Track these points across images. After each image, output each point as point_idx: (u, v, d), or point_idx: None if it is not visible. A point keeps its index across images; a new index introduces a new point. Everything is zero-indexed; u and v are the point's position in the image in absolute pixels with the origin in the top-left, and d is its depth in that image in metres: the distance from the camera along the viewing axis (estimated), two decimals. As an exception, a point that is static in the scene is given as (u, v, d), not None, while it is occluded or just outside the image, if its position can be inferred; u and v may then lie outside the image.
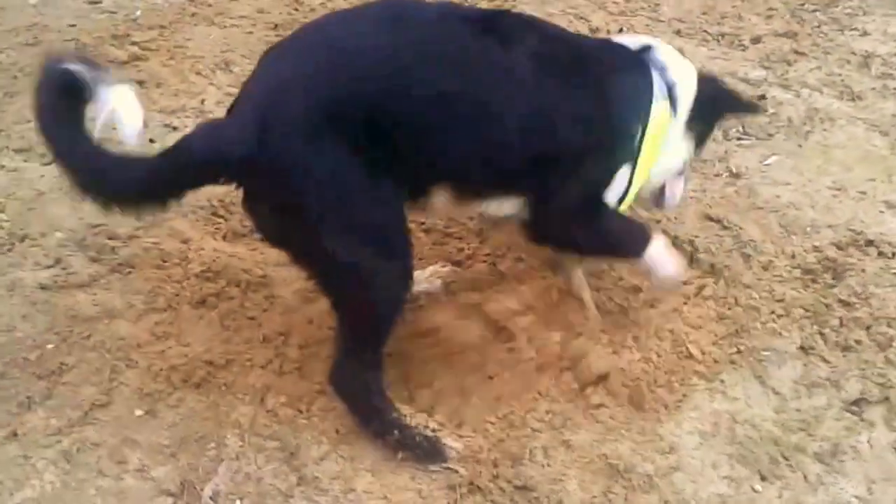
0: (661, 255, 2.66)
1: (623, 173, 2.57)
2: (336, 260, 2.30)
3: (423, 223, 3.12)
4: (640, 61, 2.61)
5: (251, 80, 2.33)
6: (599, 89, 2.50)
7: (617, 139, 2.53)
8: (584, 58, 2.54)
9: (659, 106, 2.55)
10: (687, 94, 2.65)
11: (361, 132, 2.20)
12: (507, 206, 2.57)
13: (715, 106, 2.79)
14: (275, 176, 2.19)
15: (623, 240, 2.68)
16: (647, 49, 2.65)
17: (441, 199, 2.47)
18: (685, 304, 2.95)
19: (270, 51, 2.42)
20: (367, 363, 2.45)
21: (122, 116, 2.12)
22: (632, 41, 2.71)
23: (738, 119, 3.68)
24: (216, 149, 2.19)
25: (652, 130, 2.54)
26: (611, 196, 2.59)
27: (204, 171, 2.23)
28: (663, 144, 2.61)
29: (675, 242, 3.06)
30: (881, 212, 3.37)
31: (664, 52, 2.66)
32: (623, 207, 2.65)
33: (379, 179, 2.26)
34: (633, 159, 2.55)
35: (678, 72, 2.63)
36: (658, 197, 2.89)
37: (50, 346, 2.73)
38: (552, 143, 2.43)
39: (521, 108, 2.37)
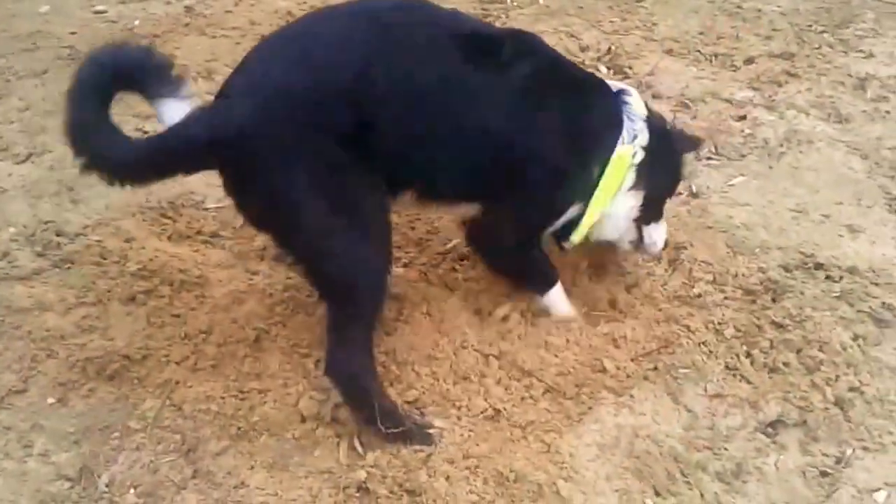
0: (558, 299, 2.89)
1: (573, 210, 2.69)
2: (319, 245, 2.41)
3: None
4: (616, 102, 2.70)
5: (246, 68, 2.43)
6: (572, 124, 2.62)
7: (576, 175, 2.65)
8: (565, 91, 2.64)
9: (622, 150, 2.65)
10: (642, 142, 2.72)
11: (347, 130, 2.32)
12: (465, 212, 2.75)
13: (665, 160, 2.86)
14: (266, 160, 2.30)
15: (537, 276, 2.89)
16: (624, 92, 2.74)
17: (407, 199, 2.61)
18: (618, 320, 2.91)
19: (267, 42, 2.55)
20: (358, 349, 2.52)
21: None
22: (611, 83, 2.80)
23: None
24: (213, 129, 2.29)
25: (610, 174, 2.65)
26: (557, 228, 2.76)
27: (198, 151, 2.34)
28: (619, 189, 2.71)
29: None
30: (840, 235, 3.31)
31: (638, 103, 2.74)
32: (573, 241, 2.79)
33: (364, 171, 2.38)
34: (586, 199, 2.67)
35: (640, 118, 2.72)
36: (637, 242, 2.97)
37: (-20, 334, 2.84)
38: (518, 167, 2.57)
39: (492, 132, 2.50)
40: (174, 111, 2.34)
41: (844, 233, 3.31)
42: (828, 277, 3.08)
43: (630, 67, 4.26)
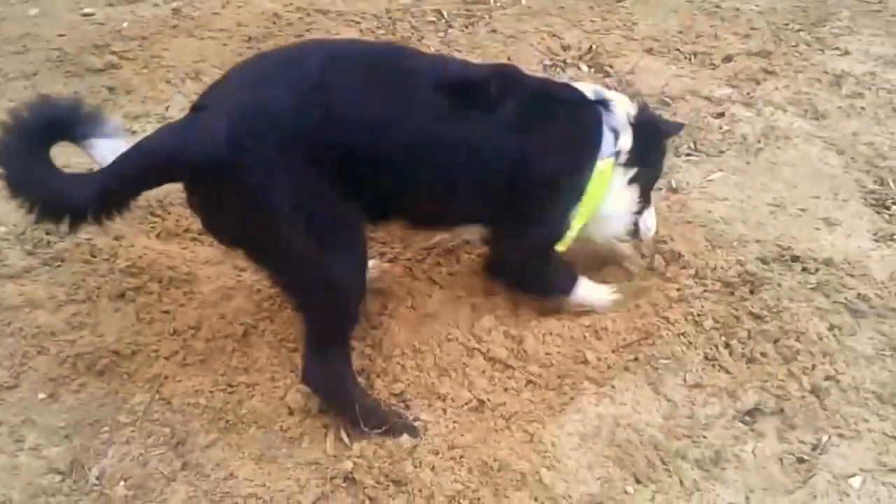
0: (589, 292, 2.96)
1: (573, 211, 2.78)
2: (292, 264, 2.45)
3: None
4: (596, 115, 2.78)
5: (223, 88, 2.43)
6: (559, 145, 2.72)
7: (570, 191, 2.74)
8: (547, 115, 2.72)
9: (605, 162, 2.74)
10: (627, 144, 2.81)
11: (330, 162, 2.36)
12: (465, 234, 2.90)
13: (653, 146, 2.95)
14: (244, 184, 2.30)
15: (560, 281, 2.94)
16: (605, 102, 2.80)
17: (397, 225, 2.73)
18: (598, 312, 2.96)
19: (248, 63, 2.55)
20: (335, 358, 2.57)
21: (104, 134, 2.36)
22: (589, 90, 2.86)
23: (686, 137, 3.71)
24: (181, 150, 2.29)
25: (596, 180, 2.74)
26: None
27: (164, 171, 2.34)
28: (606, 193, 2.81)
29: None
30: (817, 228, 3.37)
31: (619, 109, 2.81)
32: (562, 247, 2.84)
33: (342, 201, 2.42)
34: (578, 201, 2.74)
35: (622, 124, 2.80)
36: (634, 232, 3.05)
37: (-28, 332, 2.88)
38: (509, 195, 2.67)
39: (479, 165, 2.59)
40: (107, 150, 2.33)
41: (821, 226, 3.37)
42: (804, 269, 3.14)
43: (611, 66, 4.32)
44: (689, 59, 4.45)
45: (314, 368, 2.55)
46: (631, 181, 2.87)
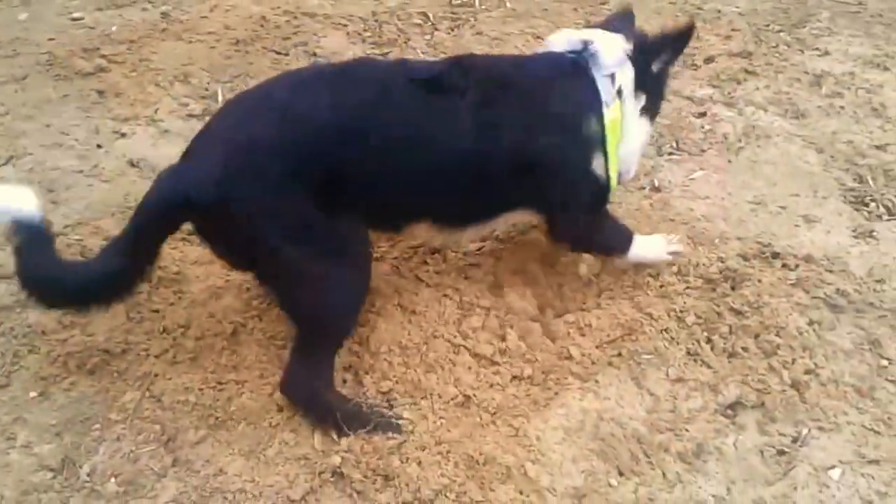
0: (645, 248, 3.05)
1: (598, 164, 2.78)
2: (298, 287, 2.54)
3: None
4: (576, 72, 2.76)
5: (208, 132, 2.56)
6: (547, 114, 2.72)
7: (583, 154, 2.76)
8: (525, 90, 2.72)
9: (612, 108, 2.74)
10: (628, 80, 2.80)
11: (319, 181, 2.44)
12: (505, 223, 2.96)
13: (656, 75, 2.92)
14: (238, 219, 2.41)
15: (617, 239, 3.03)
16: (585, 48, 2.77)
17: (422, 229, 2.78)
18: (582, 309, 3.01)
19: (233, 103, 2.67)
20: (318, 371, 2.63)
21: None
22: (568, 40, 2.84)
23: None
24: (176, 197, 2.41)
25: (609, 126, 2.74)
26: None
27: (170, 219, 2.49)
28: (623, 130, 2.82)
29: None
30: (797, 225, 3.42)
31: (601, 47, 2.77)
32: (613, 187, 2.88)
33: (339, 218, 2.50)
34: (603, 152, 2.76)
35: (616, 63, 2.77)
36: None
37: (-36, 331, 2.91)
38: (527, 179, 2.72)
39: (466, 153, 2.62)
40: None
41: (801, 223, 3.42)
42: (784, 266, 3.19)
43: (595, 67, 4.35)
44: (672, 60, 4.47)
45: (298, 380, 2.61)
46: (641, 112, 2.88)
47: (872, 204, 3.52)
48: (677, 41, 2.89)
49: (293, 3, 4.87)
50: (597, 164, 2.78)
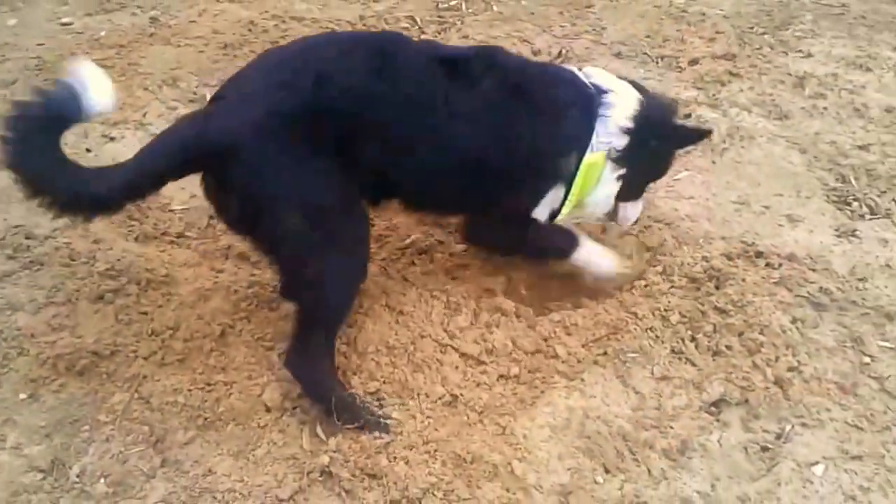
0: (590, 256, 3.02)
1: (556, 193, 2.85)
2: (298, 253, 2.55)
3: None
4: (586, 107, 2.82)
5: (239, 79, 2.59)
6: (546, 126, 2.77)
7: (551, 170, 2.82)
8: (537, 96, 2.78)
9: (595, 155, 2.81)
10: (620, 143, 2.86)
11: (337, 145, 2.49)
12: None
13: (655, 152, 2.99)
14: (252, 166, 2.43)
15: (547, 246, 3.00)
16: (604, 93, 2.84)
17: (391, 206, 2.83)
18: (568, 308, 3.04)
19: (263, 56, 2.73)
20: (319, 350, 2.66)
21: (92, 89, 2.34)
22: (600, 78, 2.91)
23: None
24: (199, 137, 2.43)
25: (584, 168, 2.81)
26: (541, 212, 2.91)
27: (184, 160, 2.46)
28: (597, 181, 2.88)
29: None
30: (780, 225, 3.45)
31: (618, 102, 2.84)
32: (558, 219, 2.95)
33: (348, 184, 2.54)
34: (568, 184, 2.83)
35: (620, 123, 2.83)
36: (614, 215, 3.13)
37: (-47, 334, 2.92)
38: (494, 172, 2.75)
39: (468, 143, 2.68)
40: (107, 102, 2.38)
41: (784, 222, 3.46)
42: (768, 265, 3.22)
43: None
44: (657, 63, 4.54)
45: (297, 355, 2.63)
46: (620, 177, 2.93)
47: (855, 203, 3.56)
48: (687, 137, 3.09)
49: (281, 8, 4.90)
50: (554, 194, 2.86)
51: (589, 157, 2.80)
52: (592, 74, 2.91)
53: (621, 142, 2.83)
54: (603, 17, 4.92)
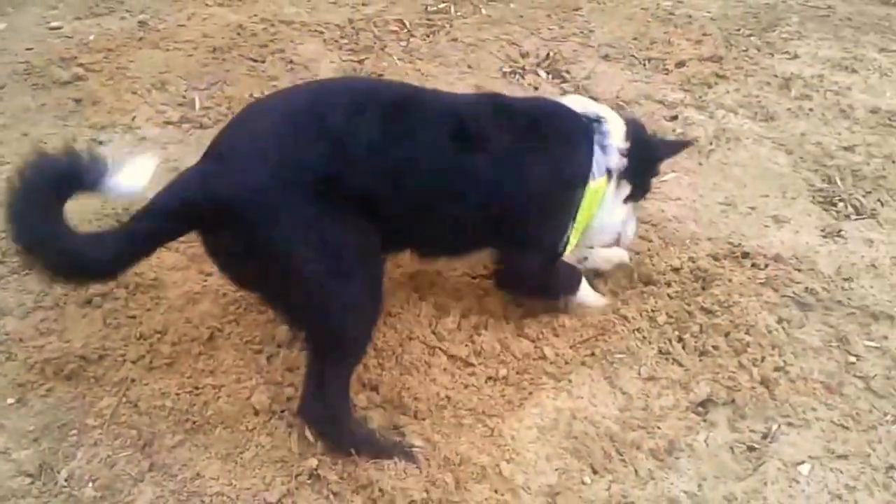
0: (588, 294, 3.05)
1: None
2: (314, 305, 2.47)
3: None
4: (587, 136, 2.83)
5: (248, 134, 2.46)
6: (553, 166, 2.77)
7: (566, 207, 2.82)
8: (540, 138, 2.77)
9: (598, 181, 2.81)
10: (620, 165, 2.88)
11: (352, 203, 2.41)
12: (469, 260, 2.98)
13: (647, 167, 3.03)
14: (264, 223, 2.31)
15: (566, 283, 3.02)
16: (597, 120, 2.86)
17: (404, 257, 2.80)
18: (557, 309, 3.05)
19: (261, 106, 2.63)
20: (336, 395, 2.58)
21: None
22: (584, 107, 2.93)
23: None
24: (204, 195, 2.31)
25: (588, 197, 2.81)
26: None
27: (184, 221, 2.36)
28: (599, 208, 2.89)
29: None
30: (766, 226, 3.48)
31: (611, 127, 2.87)
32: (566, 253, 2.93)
33: (362, 232, 2.47)
34: (573, 217, 2.82)
35: (617, 147, 2.86)
36: (617, 239, 3.14)
37: (-58, 339, 2.91)
38: (511, 220, 2.74)
39: (481, 198, 2.65)
40: (129, 183, 2.29)
41: (770, 223, 3.48)
42: (754, 265, 3.25)
43: (568, 72, 4.43)
44: (644, 65, 4.56)
45: (313, 403, 2.56)
46: (626, 199, 2.97)
47: (840, 204, 3.59)
48: (674, 147, 3.16)
49: (270, 11, 4.91)
50: (568, 226, 2.86)
51: (592, 184, 2.81)
52: (575, 102, 2.93)
53: (621, 164, 2.85)
54: (591, 20, 4.94)
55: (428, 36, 4.71)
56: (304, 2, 5.10)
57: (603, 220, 2.94)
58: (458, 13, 4.95)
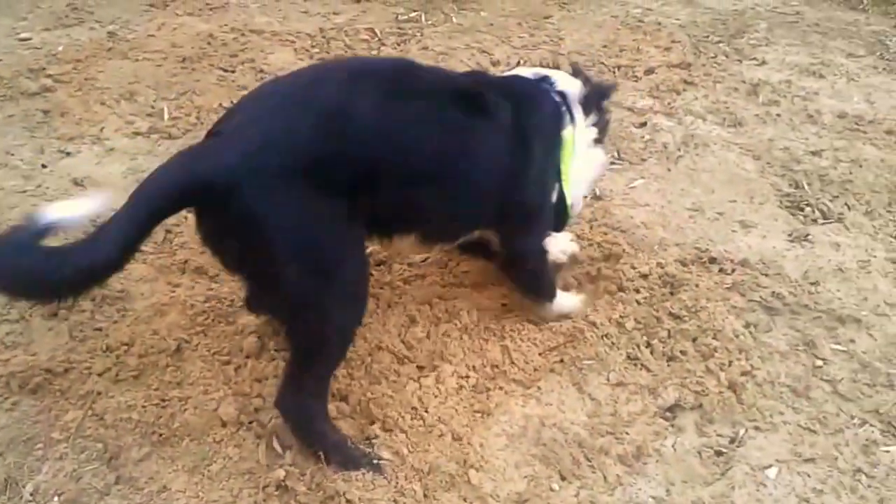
0: (564, 299, 3.07)
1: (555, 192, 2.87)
2: (299, 294, 2.42)
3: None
4: (549, 95, 2.87)
5: (238, 114, 2.42)
6: (541, 126, 2.81)
7: (552, 164, 2.84)
8: (523, 105, 2.78)
9: (566, 133, 2.84)
10: (580, 110, 2.92)
11: (341, 186, 2.35)
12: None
13: (598, 106, 3.04)
14: (255, 206, 2.25)
15: (551, 285, 3.06)
16: (546, 79, 2.90)
17: (405, 242, 2.74)
18: (526, 316, 3.06)
19: (264, 89, 2.57)
20: (313, 391, 2.57)
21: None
22: (532, 72, 2.97)
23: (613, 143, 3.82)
24: (191, 173, 2.26)
25: (566, 149, 2.83)
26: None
27: (177, 197, 2.27)
28: (575, 157, 2.89)
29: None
30: (733, 231, 3.50)
31: (560, 80, 2.91)
32: (572, 215, 2.98)
33: (351, 226, 2.44)
34: (560, 179, 2.84)
35: (573, 93, 2.90)
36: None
37: None
38: (511, 195, 2.75)
39: (486, 172, 2.68)
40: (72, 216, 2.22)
41: (737, 228, 3.51)
42: (721, 270, 3.27)
43: (538, 80, 4.43)
44: (613, 72, 4.60)
45: (289, 397, 2.55)
46: (594, 142, 2.98)
47: (808, 208, 3.62)
48: (607, 90, 3.12)
49: (241, 21, 4.91)
50: (554, 185, 2.88)
51: (565, 133, 2.84)
52: (524, 71, 3.00)
53: (580, 110, 2.90)
54: (561, 28, 4.98)
55: (399, 45, 4.72)
56: (275, 11, 5.10)
57: (578, 171, 2.92)
58: (429, 22, 4.96)
